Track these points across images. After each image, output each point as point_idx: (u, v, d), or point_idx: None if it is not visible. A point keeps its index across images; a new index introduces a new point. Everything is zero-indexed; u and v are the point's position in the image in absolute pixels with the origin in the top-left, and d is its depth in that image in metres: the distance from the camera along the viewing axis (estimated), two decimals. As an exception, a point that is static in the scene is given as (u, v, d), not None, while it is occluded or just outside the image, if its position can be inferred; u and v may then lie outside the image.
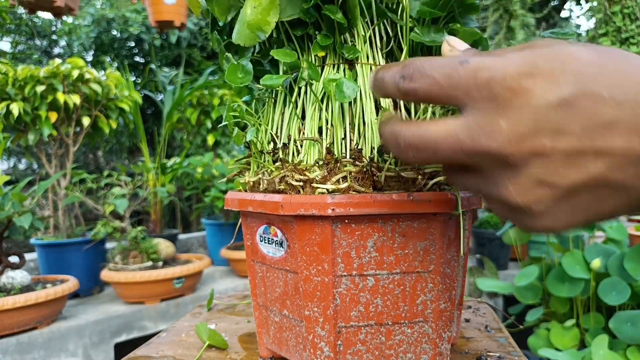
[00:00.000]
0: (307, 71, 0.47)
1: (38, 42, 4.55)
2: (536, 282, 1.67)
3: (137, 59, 4.61)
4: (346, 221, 0.43)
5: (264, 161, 0.51)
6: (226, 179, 0.60)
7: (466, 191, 0.32)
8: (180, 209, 3.54)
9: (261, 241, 0.51)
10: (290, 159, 0.48)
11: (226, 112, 0.53)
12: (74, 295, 1.97)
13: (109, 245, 2.23)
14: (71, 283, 1.67)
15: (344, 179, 0.44)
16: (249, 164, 0.55)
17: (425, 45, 0.49)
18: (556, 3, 5.32)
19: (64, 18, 3.64)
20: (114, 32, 4.32)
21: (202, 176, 2.54)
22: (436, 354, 0.47)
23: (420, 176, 0.44)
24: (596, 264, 1.49)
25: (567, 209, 0.27)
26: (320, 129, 0.48)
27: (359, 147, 0.46)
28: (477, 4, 0.51)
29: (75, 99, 1.96)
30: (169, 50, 4.43)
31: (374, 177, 0.44)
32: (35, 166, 4.29)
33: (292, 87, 0.52)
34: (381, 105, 0.48)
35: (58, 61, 2.01)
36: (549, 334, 1.58)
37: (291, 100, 0.50)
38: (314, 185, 0.44)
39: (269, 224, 0.49)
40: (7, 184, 2.10)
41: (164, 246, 2.02)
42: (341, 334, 0.45)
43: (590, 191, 0.26)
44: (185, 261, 2.06)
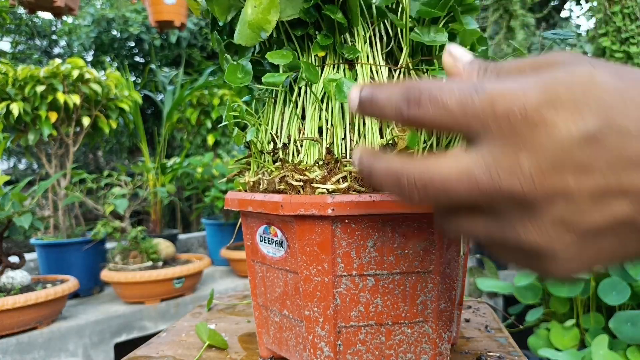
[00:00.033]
0: (305, 72, 0.47)
1: (38, 42, 4.55)
2: (536, 282, 1.67)
3: (137, 59, 4.61)
4: (346, 221, 0.43)
5: (264, 161, 0.51)
6: (226, 179, 0.60)
7: (471, 238, 0.29)
8: (180, 209, 3.54)
9: (261, 241, 0.51)
10: (290, 159, 0.48)
11: (226, 112, 0.53)
12: (74, 295, 1.97)
13: (109, 245, 2.23)
14: (71, 283, 1.67)
15: (344, 179, 0.44)
16: (249, 164, 0.55)
17: (425, 45, 0.49)
18: (556, 3, 5.32)
19: (64, 18, 3.64)
20: (114, 32, 4.32)
21: (202, 176, 2.54)
22: (436, 354, 0.47)
23: (420, 176, 0.44)
24: (596, 264, 1.49)
25: (591, 251, 0.25)
26: (320, 129, 0.48)
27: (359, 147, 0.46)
28: (477, 4, 0.51)
29: (75, 99, 1.97)
30: (169, 50, 4.43)
31: (374, 177, 0.44)
32: (35, 166, 4.29)
33: (292, 86, 0.52)
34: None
35: (58, 61, 2.01)
36: (549, 334, 1.57)
37: (291, 100, 0.50)
38: (314, 185, 0.44)
39: (269, 224, 0.49)
40: (7, 184, 2.10)
41: (164, 246, 2.02)
42: (341, 334, 0.45)
43: (617, 233, 0.25)
44: (185, 261, 2.06)
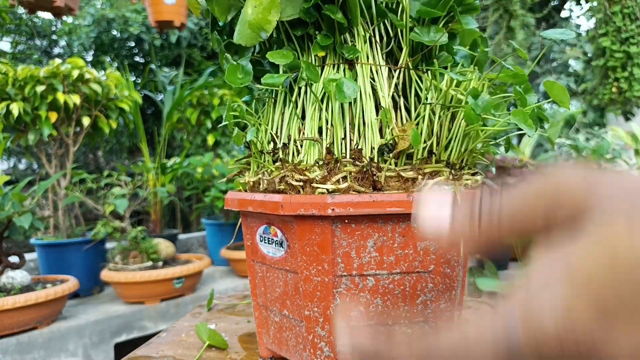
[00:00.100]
0: (305, 72, 0.47)
1: (38, 42, 4.55)
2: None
3: (137, 59, 4.61)
4: (346, 221, 0.43)
5: (264, 161, 0.51)
6: (226, 179, 0.60)
7: None
8: (180, 209, 3.54)
9: (261, 241, 0.51)
10: (290, 159, 0.48)
11: (226, 112, 0.53)
12: (74, 295, 1.97)
13: (109, 245, 2.23)
14: (71, 283, 1.67)
15: (344, 179, 0.44)
16: (249, 164, 0.56)
17: (425, 45, 0.49)
18: (556, 3, 5.32)
19: (64, 18, 3.64)
20: (114, 32, 4.32)
21: (202, 176, 2.54)
22: (436, 354, 0.47)
23: (420, 176, 0.44)
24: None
25: None
26: (320, 129, 0.48)
27: (359, 147, 0.46)
28: (477, 4, 0.51)
29: (75, 99, 1.96)
30: (169, 50, 4.42)
31: (374, 177, 0.44)
32: (35, 166, 4.29)
33: (292, 86, 0.52)
34: (381, 105, 0.48)
35: (58, 61, 2.01)
36: (549, 334, 1.57)
37: (291, 100, 0.50)
38: (314, 185, 0.44)
39: (269, 224, 0.49)
40: (7, 184, 2.10)
41: (164, 246, 2.02)
42: (341, 334, 0.45)
43: None
44: (185, 261, 2.06)
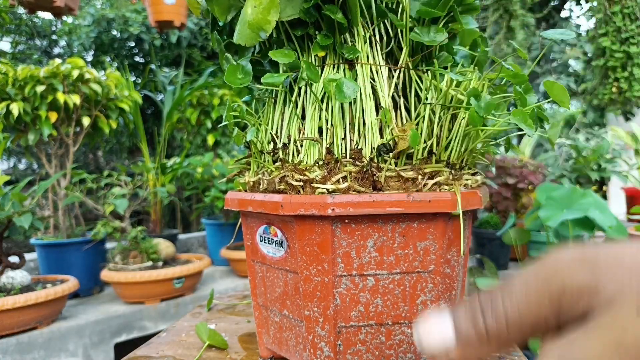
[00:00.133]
0: (306, 72, 0.47)
1: (38, 42, 4.55)
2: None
3: (137, 59, 4.61)
4: (346, 221, 0.43)
5: (264, 161, 0.51)
6: (226, 179, 0.60)
7: None
8: (180, 209, 3.54)
9: (261, 241, 0.51)
10: (290, 159, 0.48)
11: (226, 112, 0.53)
12: (74, 295, 1.97)
13: (109, 245, 2.23)
14: (71, 283, 1.67)
15: (344, 179, 0.44)
16: (249, 164, 0.56)
17: (425, 45, 0.49)
18: (556, 3, 5.31)
19: (64, 18, 3.64)
20: (114, 32, 4.32)
21: (202, 176, 2.54)
22: (436, 354, 0.47)
23: (420, 176, 0.44)
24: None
25: None
26: (320, 129, 0.48)
27: (359, 147, 0.46)
28: (477, 4, 0.51)
29: (75, 99, 1.96)
30: (169, 50, 4.42)
31: (374, 177, 0.44)
32: (35, 166, 4.29)
33: (292, 86, 0.52)
34: (381, 105, 0.48)
35: (58, 61, 2.01)
36: (549, 334, 1.57)
37: (291, 100, 0.50)
38: (314, 185, 0.44)
39: (269, 224, 0.49)
40: (7, 184, 2.10)
41: (164, 246, 2.02)
42: (341, 334, 0.45)
43: None
44: (185, 261, 2.06)
